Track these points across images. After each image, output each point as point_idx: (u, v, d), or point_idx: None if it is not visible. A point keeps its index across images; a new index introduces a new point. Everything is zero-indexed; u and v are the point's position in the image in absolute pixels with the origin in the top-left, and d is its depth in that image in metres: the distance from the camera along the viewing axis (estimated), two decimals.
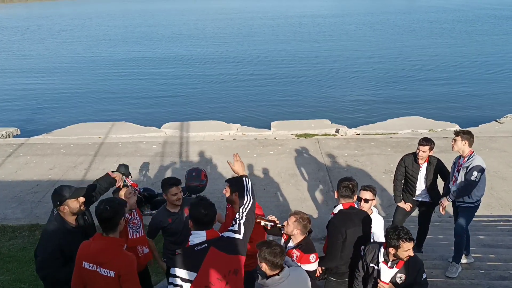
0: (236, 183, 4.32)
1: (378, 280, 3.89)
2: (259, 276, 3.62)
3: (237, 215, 3.40)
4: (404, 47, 29.10)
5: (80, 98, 19.13)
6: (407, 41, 31.65)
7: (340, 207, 4.41)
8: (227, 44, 32.21)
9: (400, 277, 3.77)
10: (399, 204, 6.20)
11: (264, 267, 3.45)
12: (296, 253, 4.04)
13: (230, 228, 3.33)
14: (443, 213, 5.69)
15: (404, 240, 3.63)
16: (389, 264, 3.82)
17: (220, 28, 41.57)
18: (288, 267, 3.62)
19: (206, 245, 3.16)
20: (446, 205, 5.61)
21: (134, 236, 4.60)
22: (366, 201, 4.73)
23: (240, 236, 3.27)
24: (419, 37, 32.99)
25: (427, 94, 18.46)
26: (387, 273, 3.83)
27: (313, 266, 4.05)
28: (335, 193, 4.50)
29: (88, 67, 25.55)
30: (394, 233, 3.67)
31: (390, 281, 3.82)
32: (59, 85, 21.39)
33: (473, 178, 5.31)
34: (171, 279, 3.17)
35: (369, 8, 58.24)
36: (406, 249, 3.65)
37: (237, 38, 34.75)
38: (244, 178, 3.59)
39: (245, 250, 3.31)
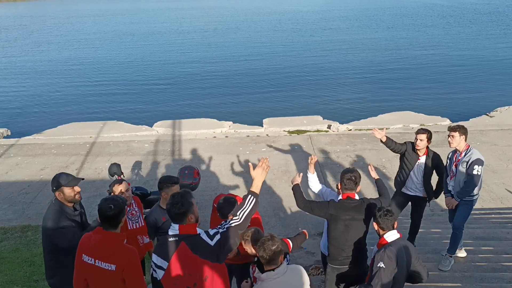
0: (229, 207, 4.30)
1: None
2: (256, 269, 3.55)
3: (222, 223, 3.28)
4: (394, 43, 29.21)
5: (71, 98, 18.94)
6: (397, 37, 31.77)
7: (340, 197, 4.40)
8: (218, 41, 32.14)
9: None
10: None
11: (261, 261, 3.42)
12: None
13: (208, 230, 3.26)
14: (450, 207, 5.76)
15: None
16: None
17: (211, 25, 41.48)
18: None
19: (177, 238, 3.16)
20: (455, 204, 5.61)
21: (134, 227, 4.64)
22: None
23: (211, 243, 3.14)
24: (409, 33, 33.14)
25: (418, 89, 18.52)
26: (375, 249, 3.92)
27: None
28: (338, 185, 4.43)
29: (79, 66, 25.35)
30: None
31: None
32: (50, 85, 21.17)
33: (475, 172, 5.35)
34: (152, 263, 3.28)
35: (359, 4, 58.42)
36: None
37: (228, 36, 34.69)
38: (249, 196, 3.29)
39: (216, 259, 3.16)
